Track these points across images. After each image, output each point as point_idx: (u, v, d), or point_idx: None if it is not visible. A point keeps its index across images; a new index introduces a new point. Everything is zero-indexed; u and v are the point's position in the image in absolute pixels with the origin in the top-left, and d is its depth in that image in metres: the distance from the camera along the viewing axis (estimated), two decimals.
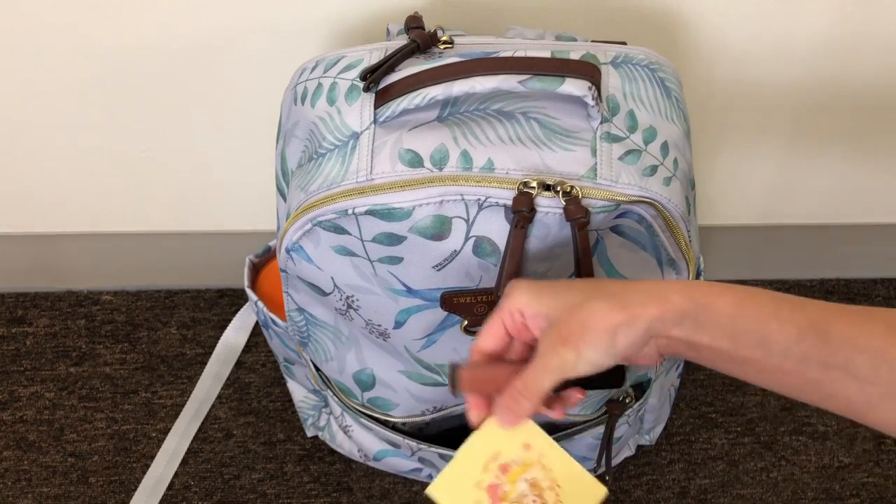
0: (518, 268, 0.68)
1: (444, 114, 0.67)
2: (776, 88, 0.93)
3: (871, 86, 0.93)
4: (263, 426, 1.02)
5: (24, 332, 1.09)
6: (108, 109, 0.93)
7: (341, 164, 0.67)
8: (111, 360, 1.06)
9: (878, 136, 0.99)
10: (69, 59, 0.89)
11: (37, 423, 1.02)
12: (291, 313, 0.80)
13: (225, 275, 1.09)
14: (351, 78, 0.70)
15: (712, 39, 0.89)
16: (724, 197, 1.05)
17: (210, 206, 1.04)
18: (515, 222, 0.65)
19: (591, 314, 0.55)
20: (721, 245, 1.10)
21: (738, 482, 0.98)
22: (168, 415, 1.02)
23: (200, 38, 0.87)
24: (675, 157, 0.69)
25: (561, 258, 0.69)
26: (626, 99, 0.69)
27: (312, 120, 0.70)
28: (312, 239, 0.70)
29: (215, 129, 0.95)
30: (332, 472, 0.98)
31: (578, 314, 0.55)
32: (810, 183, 1.03)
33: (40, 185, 1.01)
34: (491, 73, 0.66)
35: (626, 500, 0.97)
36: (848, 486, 0.98)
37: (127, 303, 1.11)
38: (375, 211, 0.66)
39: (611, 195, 0.65)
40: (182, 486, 0.98)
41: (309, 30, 0.87)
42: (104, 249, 1.08)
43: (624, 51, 0.71)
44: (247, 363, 1.07)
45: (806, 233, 1.09)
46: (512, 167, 0.65)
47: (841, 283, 1.14)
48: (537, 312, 0.58)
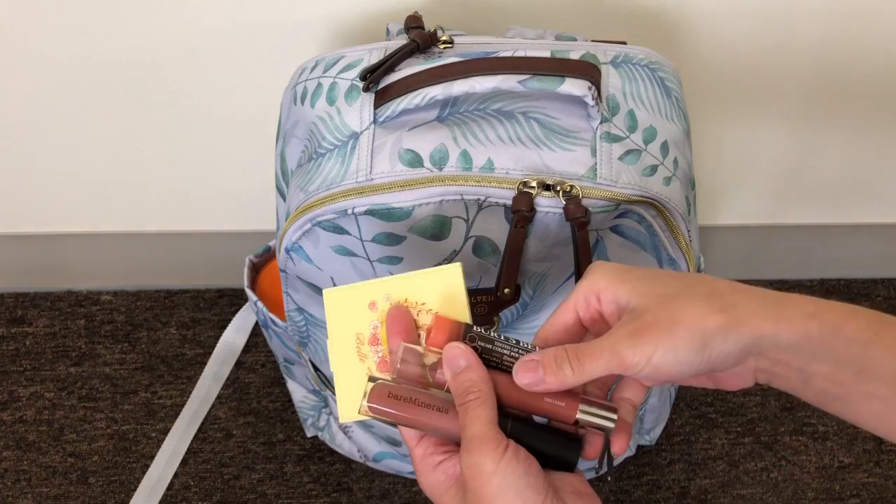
0: (518, 268, 0.68)
1: (444, 114, 0.67)
2: (776, 89, 0.93)
3: (872, 86, 0.93)
4: (263, 426, 1.02)
5: (23, 332, 1.09)
6: (107, 109, 0.93)
7: (341, 164, 0.67)
8: (111, 360, 1.06)
9: (878, 137, 0.99)
10: (69, 59, 0.89)
11: (36, 423, 1.02)
12: (291, 313, 0.80)
13: (225, 275, 1.09)
14: (351, 78, 0.70)
15: (712, 39, 0.89)
16: (724, 197, 1.05)
17: (210, 206, 1.03)
18: (515, 222, 0.65)
19: (686, 309, 0.46)
20: (721, 245, 1.10)
21: (738, 482, 0.98)
22: (168, 415, 1.02)
23: (200, 37, 0.87)
24: (675, 156, 0.69)
25: (561, 258, 0.69)
26: (626, 99, 0.69)
27: (312, 120, 0.70)
28: (312, 239, 0.70)
29: (215, 128, 0.95)
30: (332, 472, 0.98)
31: (669, 306, 0.47)
32: (811, 183, 1.03)
33: (40, 185, 1.01)
34: (491, 73, 0.66)
35: (627, 500, 0.97)
36: (848, 486, 0.98)
37: (127, 303, 1.11)
38: (375, 211, 0.66)
39: (611, 195, 0.65)
40: (182, 486, 0.98)
41: (308, 30, 0.87)
42: (104, 249, 1.08)
43: (624, 50, 0.71)
44: (247, 363, 1.07)
45: (806, 233, 1.09)
46: (512, 167, 0.65)
47: (841, 283, 1.14)
48: (616, 298, 0.49)
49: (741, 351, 0.46)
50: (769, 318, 0.46)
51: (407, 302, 0.55)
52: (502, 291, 0.69)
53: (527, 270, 0.70)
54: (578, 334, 0.52)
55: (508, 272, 0.68)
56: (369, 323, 0.55)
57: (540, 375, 0.49)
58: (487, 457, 0.47)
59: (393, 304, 0.55)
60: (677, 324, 0.46)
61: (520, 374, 0.49)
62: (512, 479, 0.47)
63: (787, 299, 0.47)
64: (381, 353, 0.55)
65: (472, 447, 0.48)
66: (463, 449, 0.48)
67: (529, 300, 0.73)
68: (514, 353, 0.52)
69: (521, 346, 0.52)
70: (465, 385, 0.50)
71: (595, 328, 0.51)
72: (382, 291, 0.55)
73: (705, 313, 0.46)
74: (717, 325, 0.46)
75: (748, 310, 0.46)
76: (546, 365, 0.49)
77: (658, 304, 0.47)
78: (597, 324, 0.51)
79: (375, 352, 0.55)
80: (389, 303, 0.55)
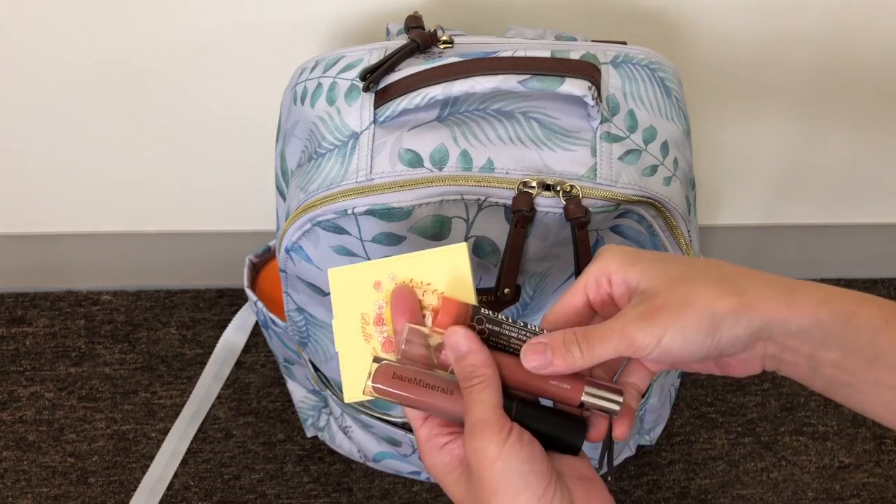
0: (518, 268, 0.68)
1: (444, 114, 0.67)
2: (776, 89, 0.93)
3: (872, 86, 0.93)
4: (263, 426, 1.02)
5: (23, 332, 1.09)
6: (107, 109, 0.93)
7: (341, 164, 0.67)
8: (111, 360, 1.06)
9: (878, 138, 0.99)
10: (69, 59, 0.89)
11: (36, 424, 1.02)
12: (291, 313, 0.80)
13: (225, 275, 1.09)
14: (351, 78, 0.70)
15: (712, 39, 0.89)
16: (724, 197, 1.05)
17: (210, 206, 1.03)
18: (515, 222, 0.65)
19: (697, 291, 0.46)
20: (721, 245, 1.10)
21: (738, 482, 0.98)
22: (168, 415, 1.02)
23: (200, 37, 0.87)
24: (675, 156, 0.69)
25: (561, 258, 0.69)
26: (626, 99, 0.69)
27: (312, 120, 0.70)
28: (312, 239, 0.70)
29: (215, 128, 0.95)
30: (332, 472, 0.98)
31: (680, 288, 0.46)
32: (810, 183, 1.03)
33: (40, 185, 1.01)
34: (491, 73, 0.66)
35: (627, 500, 0.97)
36: (848, 486, 0.98)
37: (127, 303, 1.11)
38: (375, 211, 0.66)
39: (611, 195, 0.65)
40: (182, 487, 0.98)
41: (308, 30, 0.86)
42: (104, 249, 1.08)
43: (624, 50, 0.71)
44: (247, 363, 1.07)
45: (806, 233, 1.09)
46: (512, 167, 0.65)
47: (841, 283, 1.14)
48: (627, 280, 0.49)
49: (751, 335, 0.46)
50: (781, 303, 0.46)
51: (412, 282, 0.54)
52: (502, 291, 0.70)
53: (527, 270, 0.70)
54: (587, 317, 0.52)
55: (508, 272, 0.68)
56: (374, 303, 0.55)
57: (548, 358, 0.48)
58: (491, 441, 0.47)
59: (398, 285, 0.54)
60: (688, 306, 0.46)
61: (527, 357, 0.49)
62: (515, 464, 0.47)
63: (799, 285, 0.47)
64: (385, 333, 0.55)
65: (475, 432, 0.48)
66: (466, 433, 0.48)
67: (529, 300, 0.73)
68: (522, 335, 0.52)
69: (528, 328, 0.52)
70: (468, 369, 0.50)
71: (604, 311, 0.51)
72: (388, 271, 0.55)
73: (716, 296, 0.46)
74: (728, 308, 0.46)
75: (759, 294, 0.46)
76: (554, 348, 0.48)
77: (669, 286, 0.47)
78: (606, 306, 0.51)
79: (380, 332, 0.55)
80: (394, 283, 0.55)
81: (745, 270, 0.48)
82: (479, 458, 0.47)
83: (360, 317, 0.55)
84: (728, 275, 0.47)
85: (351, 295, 0.55)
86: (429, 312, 0.54)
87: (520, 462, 0.47)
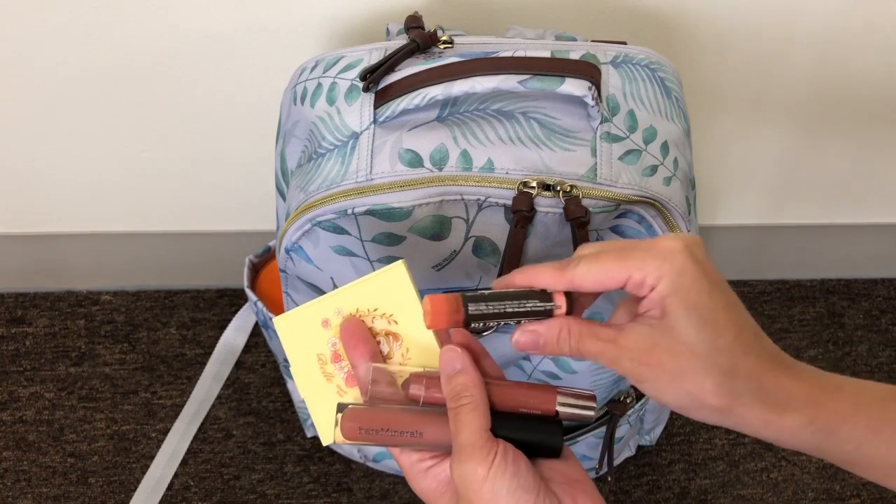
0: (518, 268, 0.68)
1: (444, 114, 0.67)
2: (777, 89, 0.93)
3: (873, 86, 0.93)
4: (263, 426, 1.02)
5: (23, 332, 1.09)
6: (107, 109, 0.93)
7: (341, 164, 0.67)
8: (111, 361, 1.06)
9: (878, 137, 0.99)
10: (69, 59, 0.89)
11: (36, 424, 1.02)
12: None
13: (225, 275, 1.09)
14: (350, 78, 0.70)
15: (712, 39, 0.89)
16: (724, 197, 1.05)
17: (210, 206, 1.03)
18: (515, 222, 0.65)
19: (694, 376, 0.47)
20: (721, 245, 1.10)
21: (738, 482, 0.98)
22: (168, 415, 1.02)
23: (200, 37, 0.87)
24: (675, 156, 0.69)
25: (561, 258, 0.69)
26: (626, 99, 0.69)
27: (312, 120, 0.70)
28: (312, 239, 0.70)
29: (215, 129, 0.95)
30: (332, 472, 0.98)
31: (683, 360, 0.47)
32: (811, 183, 1.03)
33: (40, 185, 1.01)
34: (491, 73, 0.66)
35: (627, 500, 0.97)
36: (848, 486, 0.98)
37: (127, 303, 1.11)
38: (375, 211, 0.66)
39: (611, 195, 0.65)
40: (182, 487, 0.98)
41: (308, 30, 0.86)
42: (104, 249, 1.08)
43: (624, 50, 0.71)
44: (247, 363, 1.07)
45: (806, 233, 1.09)
46: (512, 167, 0.65)
47: (841, 283, 1.14)
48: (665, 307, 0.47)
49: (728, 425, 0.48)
50: (763, 421, 0.47)
51: (358, 312, 0.54)
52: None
53: None
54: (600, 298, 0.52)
55: (508, 272, 0.68)
56: (327, 341, 0.55)
57: (538, 347, 0.50)
58: (479, 465, 0.48)
59: (345, 318, 0.54)
60: (679, 382, 0.47)
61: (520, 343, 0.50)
62: (502, 483, 0.47)
63: (795, 398, 0.47)
64: (346, 368, 0.55)
65: (462, 457, 0.48)
66: (454, 458, 0.49)
67: None
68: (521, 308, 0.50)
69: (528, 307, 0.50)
70: (457, 388, 0.50)
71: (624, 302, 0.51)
72: (332, 307, 0.54)
73: (708, 391, 0.47)
74: (713, 405, 0.47)
75: (747, 405, 0.47)
76: (547, 342, 0.50)
77: (681, 350, 0.47)
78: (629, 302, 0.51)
79: (340, 368, 0.55)
80: (341, 317, 0.54)
81: (771, 365, 0.48)
82: (468, 483, 0.48)
83: (316, 358, 0.55)
84: (741, 370, 0.47)
85: (302, 339, 0.55)
86: (383, 338, 0.54)
87: (507, 480, 0.48)
